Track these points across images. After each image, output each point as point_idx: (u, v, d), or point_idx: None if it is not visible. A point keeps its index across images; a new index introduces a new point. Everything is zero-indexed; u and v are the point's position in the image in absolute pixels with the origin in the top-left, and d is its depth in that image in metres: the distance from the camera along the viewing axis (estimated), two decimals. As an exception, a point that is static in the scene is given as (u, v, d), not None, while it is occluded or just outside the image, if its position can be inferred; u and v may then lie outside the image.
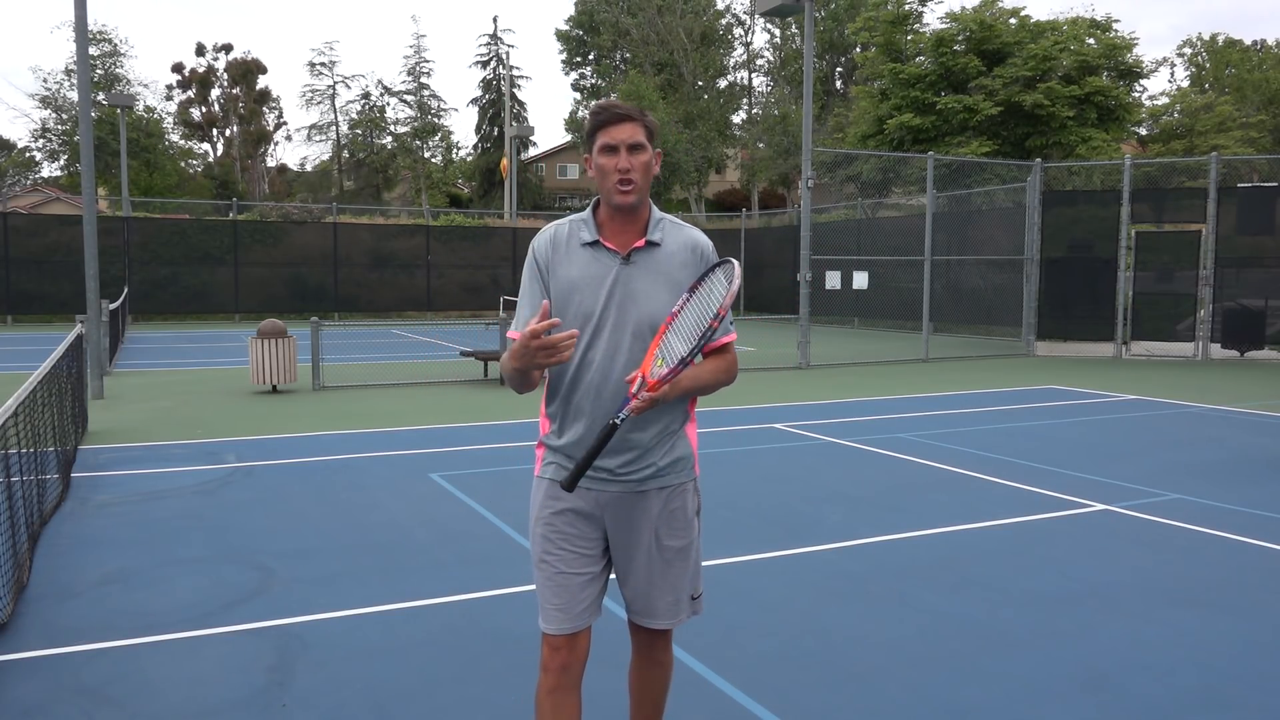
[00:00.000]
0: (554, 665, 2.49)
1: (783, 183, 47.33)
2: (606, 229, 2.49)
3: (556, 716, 2.49)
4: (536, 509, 2.57)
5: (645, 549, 2.55)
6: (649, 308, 2.44)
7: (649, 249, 2.48)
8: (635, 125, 2.41)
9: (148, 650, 3.99)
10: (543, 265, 2.50)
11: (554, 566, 2.50)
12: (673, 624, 2.62)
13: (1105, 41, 28.55)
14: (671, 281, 2.47)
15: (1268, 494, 6.86)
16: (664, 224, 2.52)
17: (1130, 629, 4.25)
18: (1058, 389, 13.00)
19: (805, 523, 6.05)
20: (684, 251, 2.51)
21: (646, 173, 2.43)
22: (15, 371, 13.59)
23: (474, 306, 30.48)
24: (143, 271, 27.04)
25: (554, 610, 2.49)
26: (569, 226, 2.52)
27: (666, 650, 2.71)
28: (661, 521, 2.55)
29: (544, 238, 2.53)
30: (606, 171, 2.42)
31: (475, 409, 10.89)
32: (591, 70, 52.52)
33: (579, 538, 2.52)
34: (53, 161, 46.97)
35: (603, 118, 2.42)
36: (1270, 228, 17.13)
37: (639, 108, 2.47)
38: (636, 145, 2.41)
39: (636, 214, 2.48)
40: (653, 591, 2.57)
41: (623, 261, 2.46)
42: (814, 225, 17.06)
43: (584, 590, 2.51)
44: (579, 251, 2.47)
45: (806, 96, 15.86)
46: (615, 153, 2.40)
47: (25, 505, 5.11)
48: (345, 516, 6.14)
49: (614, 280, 2.44)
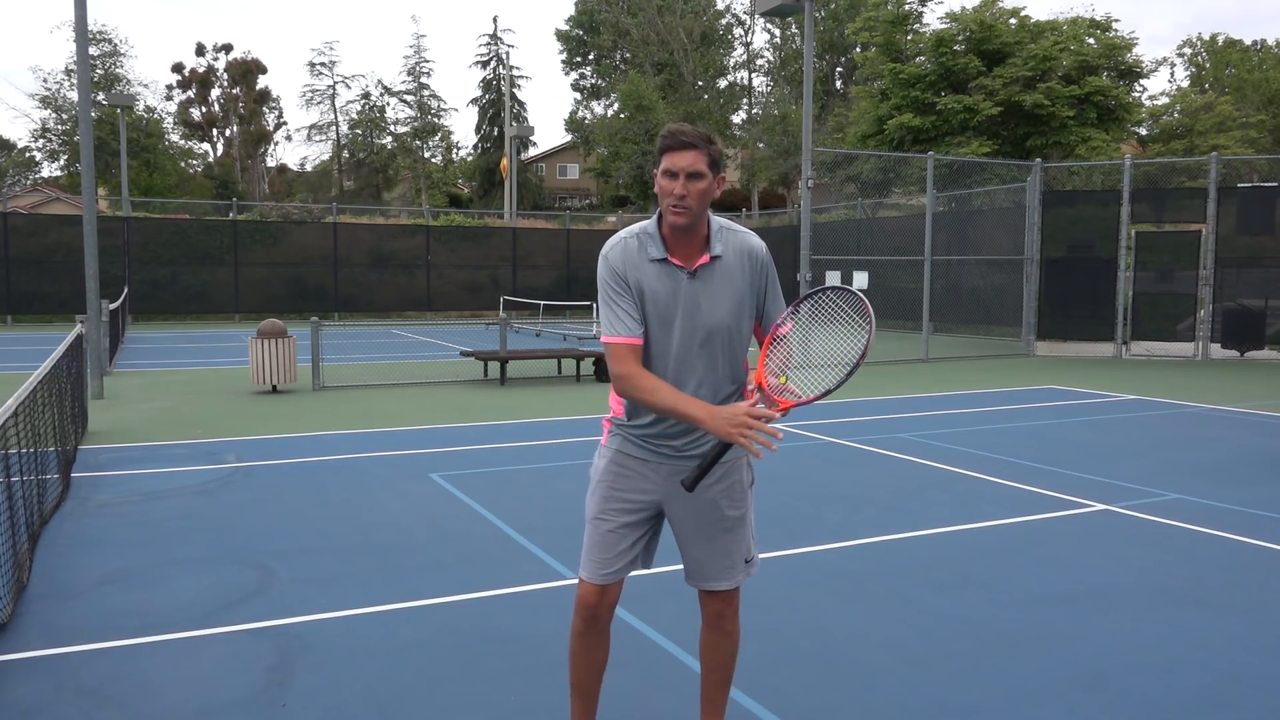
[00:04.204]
0: (584, 610, 2.83)
1: (783, 183, 47.33)
2: (672, 244, 2.67)
3: (587, 654, 2.88)
4: (599, 475, 2.85)
5: (706, 519, 2.81)
6: (713, 317, 2.68)
7: (712, 264, 2.68)
8: (698, 154, 2.57)
9: (148, 650, 3.99)
10: (621, 273, 2.67)
11: (604, 525, 2.80)
12: (730, 585, 2.87)
13: (1105, 41, 28.56)
14: (732, 289, 2.70)
15: (1268, 494, 6.86)
16: (723, 234, 2.70)
17: (1130, 629, 4.25)
18: (1058, 389, 13.00)
19: (805, 523, 6.06)
20: (741, 258, 2.71)
21: (703, 198, 2.60)
22: (15, 371, 13.59)
23: (474, 306, 30.48)
24: (143, 271, 27.04)
25: (593, 562, 2.81)
26: (637, 241, 2.69)
27: (734, 619, 2.95)
28: (720, 493, 2.80)
29: (616, 251, 2.69)
30: (665, 193, 2.60)
31: (475, 409, 10.89)
32: (591, 70, 52.52)
33: (631, 508, 2.80)
34: (53, 161, 47.00)
35: (669, 143, 2.60)
36: (1270, 228, 17.12)
37: (706, 134, 2.61)
38: (696, 174, 2.57)
39: (695, 231, 2.66)
40: (712, 557, 2.84)
41: (689, 276, 2.66)
42: (814, 225, 17.06)
43: (624, 552, 2.80)
44: (649, 265, 2.67)
45: (806, 96, 15.86)
46: (675, 178, 2.58)
47: (25, 505, 5.11)
48: (345, 516, 6.14)
49: (682, 293, 2.67)
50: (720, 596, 2.89)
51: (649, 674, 3.76)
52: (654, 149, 2.47)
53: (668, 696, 3.55)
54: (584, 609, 2.82)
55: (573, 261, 32.00)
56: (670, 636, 4.08)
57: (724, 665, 2.97)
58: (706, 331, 2.67)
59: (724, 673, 2.98)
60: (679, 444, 2.76)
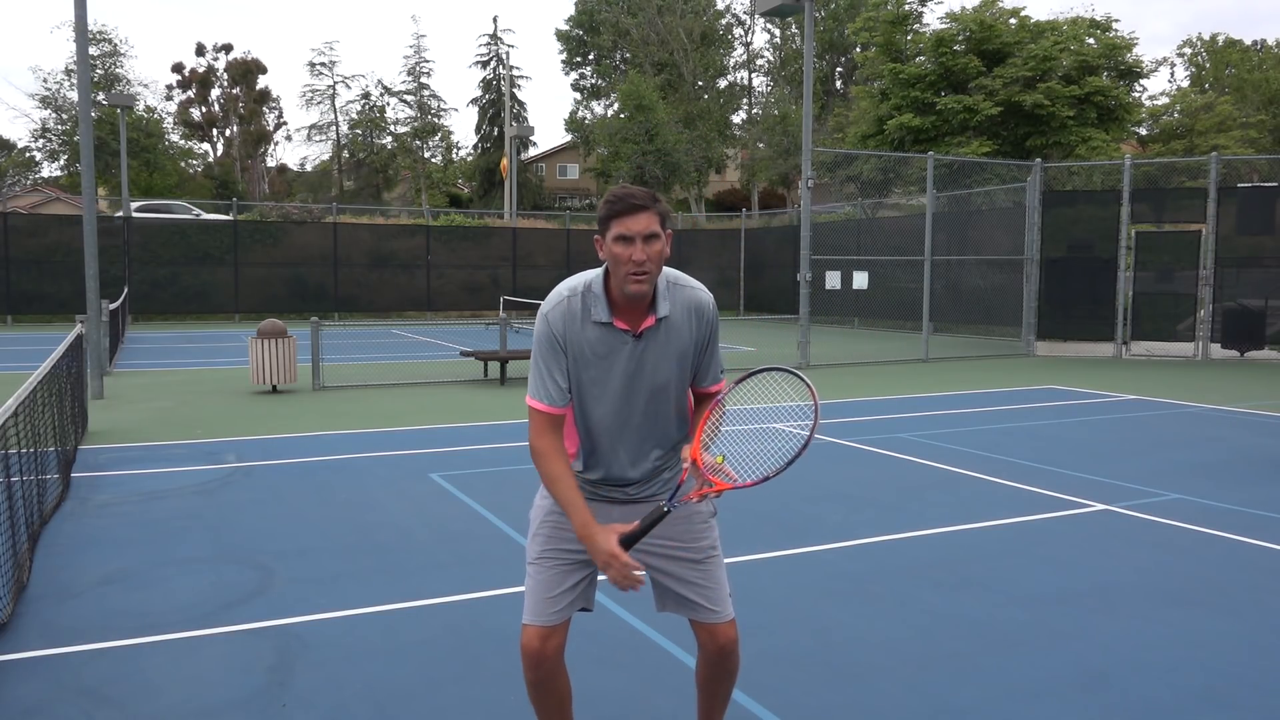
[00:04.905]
0: (529, 661, 2.69)
1: (783, 183, 47.33)
2: (619, 308, 2.58)
3: (548, 698, 2.73)
4: (543, 515, 2.73)
5: (675, 556, 2.72)
6: (658, 376, 2.62)
7: (658, 324, 2.59)
8: (650, 215, 2.48)
9: (148, 650, 3.99)
10: (559, 337, 2.59)
11: (545, 569, 2.69)
12: (720, 618, 2.73)
13: (1105, 41, 28.55)
14: (679, 347, 2.63)
15: (1268, 494, 6.86)
16: (670, 291, 2.61)
17: (1130, 629, 4.25)
18: (1058, 389, 13.00)
19: (805, 523, 6.06)
20: (689, 316, 2.63)
21: (660, 261, 2.51)
22: (15, 371, 13.59)
23: (474, 306, 30.47)
24: (143, 271, 27.03)
25: (539, 603, 2.68)
26: (581, 302, 2.59)
27: (736, 655, 2.80)
28: (683, 527, 2.71)
29: (557, 313, 2.59)
30: (620, 261, 2.49)
31: (475, 409, 10.89)
32: (591, 70, 52.51)
33: (574, 549, 2.67)
34: (53, 161, 46.98)
35: (618, 208, 2.48)
36: (1270, 228, 17.12)
37: (652, 193, 2.53)
38: (651, 235, 2.48)
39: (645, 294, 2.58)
40: (692, 591, 2.73)
41: (634, 339, 2.58)
42: (814, 225, 17.06)
43: (569, 589, 2.69)
44: (592, 328, 2.58)
45: (806, 96, 15.86)
46: (630, 243, 2.47)
47: (25, 505, 5.11)
48: (345, 516, 6.14)
49: (626, 356, 2.59)
50: (720, 632, 2.74)
51: (648, 674, 3.76)
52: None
53: (667, 696, 3.55)
54: (530, 658, 2.67)
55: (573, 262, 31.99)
56: (669, 636, 4.08)
57: (724, 693, 2.89)
58: (651, 391, 2.61)
59: (723, 697, 2.91)
60: (631, 490, 2.72)
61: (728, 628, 2.75)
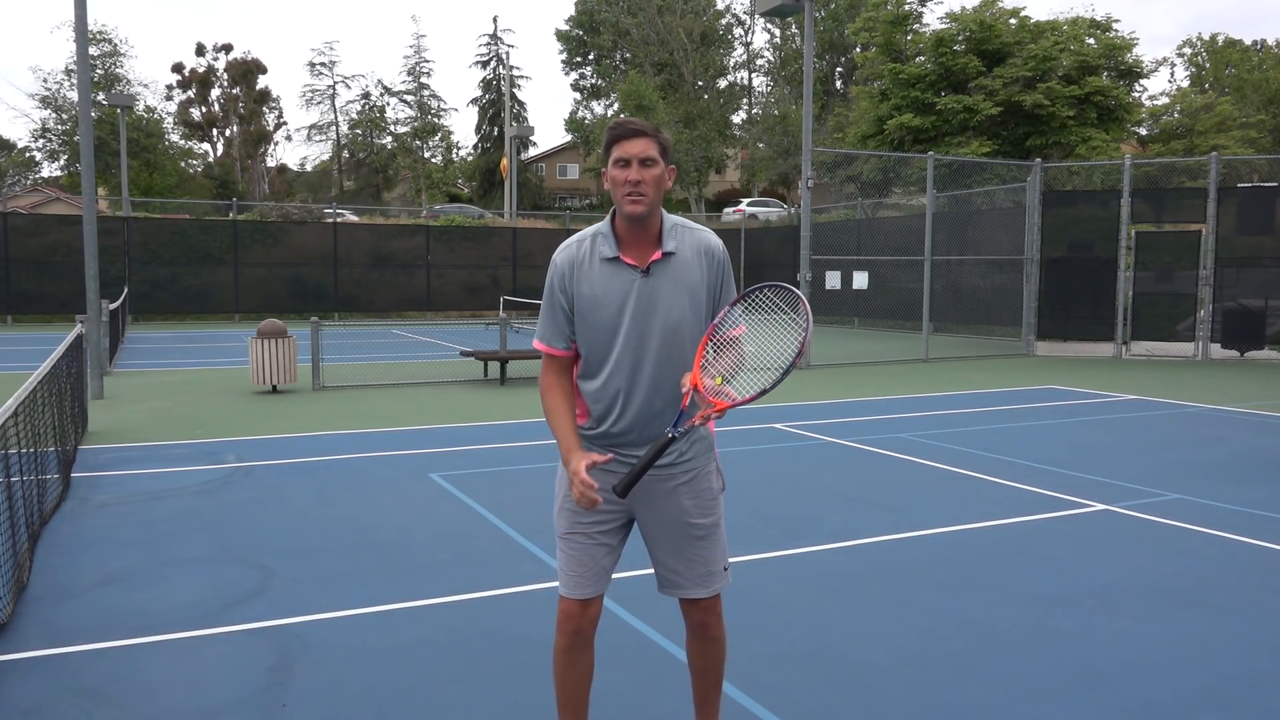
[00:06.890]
0: (567, 626, 2.77)
1: (783, 183, 47.37)
2: (625, 241, 2.63)
3: (572, 671, 2.81)
4: (564, 489, 2.78)
5: (676, 528, 2.77)
6: (670, 316, 2.63)
7: (666, 260, 2.63)
8: (649, 140, 2.56)
9: (148, 650, 3.99)
10: (565, 285, 2.66)
11: (576, 542, 2.75)
12: (707, 594, 2.82)
13: (1105, 41, 28.57)
14: (689, 287, 2.65)
15: (1268, 494, 6.86)
16: (677, 230, 2.66)
17: (1130, 629, 4.25)
18: (1058, 389, 13.00)
19: (805, 523, 6.05)
20: (699, 256, 2.67)
21: (657, 185, 2.57)
22: (15, 371, 13.59)
23: (474, 306, 30.46)
24: (143, 271, 27.03)
25: (573, 578, 2.75)
26: (590, 243, 2.66)
27: (719, 625, 2.90)
28: (690, 502, 2.76)
29: (564, 256, 2.67)
30: (619, 183, 2.56)
31: (475, 409, 10.89)
32: (591, 70, 52.53)
33: (600, 520, 2.75)
34: (53, 161, 47.03)
35: (618, 133, 2.58)
36: (1270, 228, 17.12)
37: (654, 124, 2.61)
38: (648, 159, 2.55)
39: (648, 224, 2.62)
40: (685, 566, 2.79)
41: (642, 274, 2.62)
42: (814, 225, 17.06)
43: (599, 564, 2.76)
44: (600, 267, 2.63)
45: (806, 96, 15.86)
46: (628, 166, 2.55)
47: (25, 505, 5.11)
48: (345, 516, 6.14)
49: (635, 293, 2.62)
50: (701, 605, 2.84)
51: (648, 674, 3.76)
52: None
53: (667, 696, 3.55)
54: (567, 625, 2.76)
55: (573, 261, 31.96)
56: (669, 636, 4.08)
57: (713, 669, 2.96)
58: (663, 331, 2.62)
59: (714, 676, 2.97)
60: (643, 452, 2.73)
61: (710, 603, 2.85)
